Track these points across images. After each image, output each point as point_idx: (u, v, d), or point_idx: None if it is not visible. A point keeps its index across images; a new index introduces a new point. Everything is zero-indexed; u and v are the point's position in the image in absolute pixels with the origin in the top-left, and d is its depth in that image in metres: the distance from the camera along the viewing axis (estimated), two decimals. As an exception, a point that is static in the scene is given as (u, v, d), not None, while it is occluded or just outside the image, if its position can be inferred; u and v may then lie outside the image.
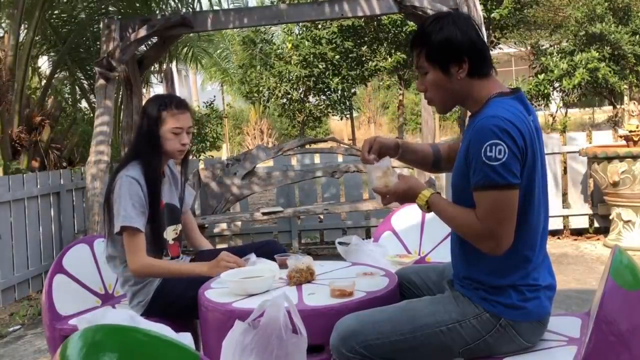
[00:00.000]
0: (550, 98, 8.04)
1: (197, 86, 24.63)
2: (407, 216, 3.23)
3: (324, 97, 11.26)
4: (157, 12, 6.87)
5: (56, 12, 7.46)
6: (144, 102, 6.14)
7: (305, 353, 1.82)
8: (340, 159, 6.18)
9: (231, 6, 10.55)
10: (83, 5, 7.33)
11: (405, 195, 1.93)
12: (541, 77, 7.66)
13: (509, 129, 1.70)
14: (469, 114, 1.93)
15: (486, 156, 1.69)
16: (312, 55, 9.91)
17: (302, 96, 11.13)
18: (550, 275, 1.89)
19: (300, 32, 10.55)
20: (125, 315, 1.73)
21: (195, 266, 2.47)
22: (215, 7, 6.98)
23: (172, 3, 7.11)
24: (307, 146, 5.93)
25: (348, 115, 13.96)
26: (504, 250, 1.75)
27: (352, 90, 11.55)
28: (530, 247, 1.81)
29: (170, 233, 2.58)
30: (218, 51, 16.43)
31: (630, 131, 5.38)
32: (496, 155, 1.68)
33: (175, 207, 2.63)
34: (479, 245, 1.77)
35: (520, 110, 1.78)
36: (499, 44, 9.69)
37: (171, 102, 2.52)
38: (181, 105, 2.54)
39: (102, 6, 7.21)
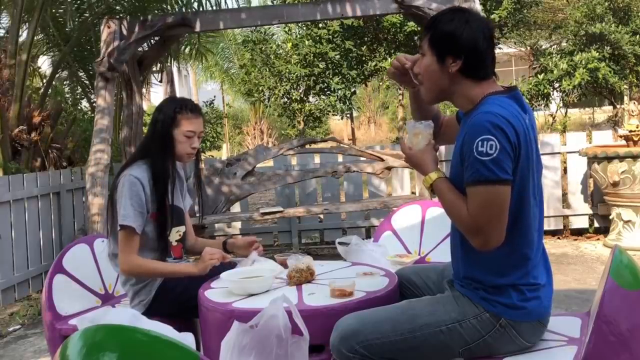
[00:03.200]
0: (550, 98, 8.04)
1: (197, 86, 24.64)
2: (407, 216, 3.23)
3: (324, 97, 11.25)
4: (157, 12, 6.87)
5: (60, 10, 7.45)
6: (144, 102, 6.13)
7: (307, 353, 1.83)
8: (340, 159, 6.17)
9: (231, 6, 10.53)
10: (86, 4, 7.33)
11: (417, 165, 1.94)
12: (541, 77, 7.65)
13: (502, 125, 1.70)
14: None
15: (477, 151, 1.70)
16: (312, 55, 9.90)
17: (302, 96, 11.12)
18: (547, 270, 1.89)
19: (300, 31, 10.54)
20: (127, 314, 1.73)
21: (184, 267, 2.48)
22: (215, 7, 6.96)
23: (175, 5, 7.10)
24: (307, 146, 5.92)
25: (348, 115, 13.97)
26: (492, 246, 1.74)
27: (352, 90, 11.54)
28: (529, 245, 1.81)
29: (173, 234, 2.59)
30: (220, 51, 16.43)
31: (630, 131, 5.37)
32: (487, 150, 1.69)
33: (179, 208, 2.64)
34: (468, 239, 1.78)
35: (515, 108, 1.78)
36: (498, 44, 9.69)
37: (187, 105, 2.55)
38: (196, 109, 2.57)
39: (104, 4, 7.20)
